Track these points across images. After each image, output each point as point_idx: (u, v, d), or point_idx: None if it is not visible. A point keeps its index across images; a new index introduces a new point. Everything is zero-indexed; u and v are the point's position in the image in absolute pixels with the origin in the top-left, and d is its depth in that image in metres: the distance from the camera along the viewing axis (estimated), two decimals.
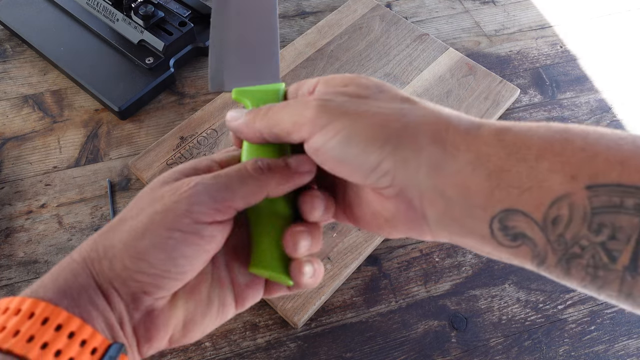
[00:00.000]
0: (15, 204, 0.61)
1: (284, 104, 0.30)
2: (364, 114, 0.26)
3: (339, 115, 0.26)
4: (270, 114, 0.29)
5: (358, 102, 0.27)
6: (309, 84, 0.31)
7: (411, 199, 0.26)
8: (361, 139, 0.26)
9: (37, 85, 0.71)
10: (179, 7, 0.76)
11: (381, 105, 0.27)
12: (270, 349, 0.53)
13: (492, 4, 0.86)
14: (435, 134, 0.26)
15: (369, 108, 0.27)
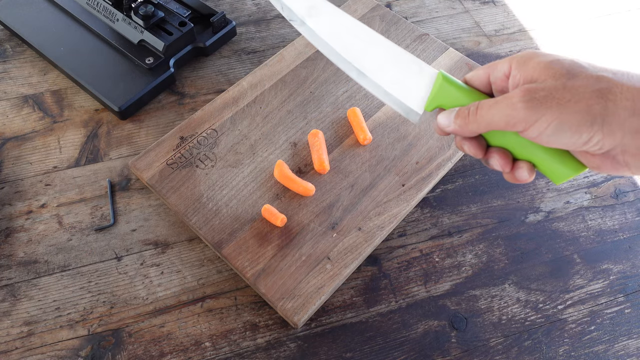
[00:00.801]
0: (15, 204, 0.61)
1: (490, 103, 0.34)
2: (567, 104, 0.31)
3: (545, 109, 0.31)
4: (480, 115, 0.34)
5: (560, 93, 0.31)
6: (501, 68, 0.35)
7: (615, 155, 0.32)
8: (572, 125, 0.31)
9: (37, 85, 0.71)
10: (179, 7, 0.76)
11: (579, 90, 0.31)
12: (270, 349, 0.53)
13: (492, 4, 0.86)
14: (635, 108, 0.30)
15: (571, 96, 0.31)
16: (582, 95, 0.31)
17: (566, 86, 0.32)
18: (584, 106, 0.31)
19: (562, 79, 0.32)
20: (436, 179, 0.63)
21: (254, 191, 0.60)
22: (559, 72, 0.32)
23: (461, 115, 0.36)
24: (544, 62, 0.33)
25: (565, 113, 0.31)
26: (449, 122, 0.37)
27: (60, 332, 0.53)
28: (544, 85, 0.32)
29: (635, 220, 0.63)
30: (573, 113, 0.31)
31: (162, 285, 0.56)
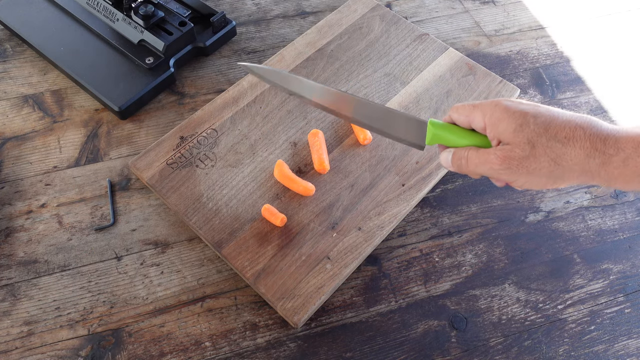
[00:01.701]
0: (15, 203, 0.61)
1: (476, 161, 0.44)
2: (534, 172, 0.42)
3: (519, 175, 0.42)
4: (471, 168, 0.45)
5: (527, 162, 0.41)
6: (477, 122, 0.44)
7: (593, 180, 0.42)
8: (539, 183, 0.43)
9: (37, 85, 0.71)
10: (179, 7, 0.76)
11: (541, 159, 0.41)
12: (270, 349, 0.53)
13: (492, 4, 0.86)
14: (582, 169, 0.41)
15: (536, 165, 0.41)
16: (543, 164, 0.41)
17: (530, 156, 0.41)
18: (546, 172, 0.42)
19: (527, 149, 0.41)
20: (436, 179, 0.63)
21: (254, 191, 0.60)
22: (523, 141, 0.42)
23: (456, 163, 0.46)
24: (511, 129, 0.42)
25: (533, 177, 0.42)
26: (449, 164, 0.47)
27: (60, 332, 0.53)
28: (514, 155, 0.42)
29: (635, 220, 0.63)
30: (540, 177, 0.42)
31: (162, 285, 0.56)
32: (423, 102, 0.68)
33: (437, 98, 0.69)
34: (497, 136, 0.43)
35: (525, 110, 0.42)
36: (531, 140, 0.41)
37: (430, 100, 0.68)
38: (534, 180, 0.43)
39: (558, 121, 0.41)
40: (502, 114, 0.43)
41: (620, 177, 0.40)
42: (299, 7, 0.83)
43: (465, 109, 0.45)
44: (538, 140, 0.41)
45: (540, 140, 0.41)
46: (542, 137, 0.41)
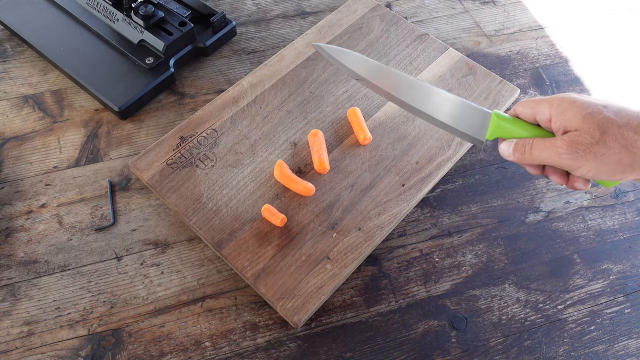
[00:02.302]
0: (15, 203, 0.61)
1: (541, 147, 0.43)
2: (602, 157, 0.41)
3: (586, 161, 0.41)
4: (534, 154, 0.44)
5: (595, 148, 0.41)
6: (543, 112, 0.44)
7: None
8: (607, 172, 0.41)
9: (37, 85, 0.71)
10: (179, 7, 0.76)
11: (610, 145, 0.40)
12: (270, 349, 0.53)
13: (492, 4, 0.86)
14: None
15: (605, 151, 0.40)
16: (613, 151, 0.40)
17: (600, 142, 0.40)
18: (615, 159, 0.40)
19: (596, 135, 0.40)
20: (436, 179, 0.63)
21: (254, 191, 0.60)
22: (592, 127, 0.41)
23: (518, 150, 0.45)
24: (580, 116, 0.41)
25: (601, 164, 0.41)
26: (509, 153, 0.47)
27: (60, 332, 0.53)
28: (583, 140, 0.41)
29: (635, 220, 0.63)
30: (608, 164, 0.41)
31: (162, 285, 0.56)
32: None
33: None
34: (563, 125, 0.42)
35: (594, 101, 0.42)
36: (601, 126, 0.41)
37: None
38: (602, 167, 0.41)
39: (629, 111, 0.41)
40: (570, 104, 0.42)
41: None
42: (299, 7, 0.83)
43: (531, 102, 0.45)
44: (609, 127, 0.40)
45: (611, 126, 0.40)
46: (613, 124, 0.40)
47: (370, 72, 0.50)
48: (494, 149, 0.68)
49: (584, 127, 0.41)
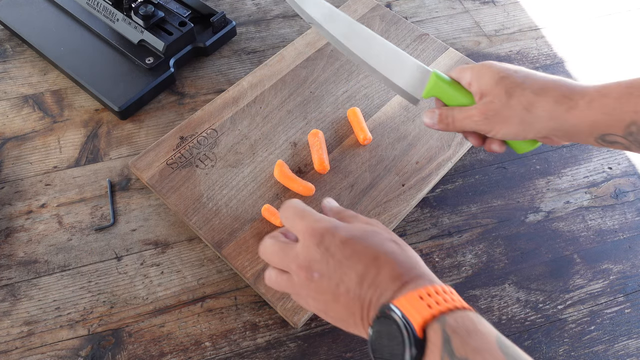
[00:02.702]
0: (15, 203, 0.61)
1: (460, 117, 0.49)
2: (508, 120, 0.46)
3: (495, 124, 0.47)
4: (456, 124, 0.50)
5: (503, 111, 0.46)
6: (465, 77, 0.49)
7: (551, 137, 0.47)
8: (515, 132, 0.47)
9: (37, 85, 0.71)
10: (179, 7, 0.76)
11: (515, 108, 0.46)
12: (270, 349, 0.53)
13: (492, 4, 0.86)
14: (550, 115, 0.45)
15: (510, 114, 0.46)
16: (516, 112, 0.46)
17: (506, 105, 0.46)
18: (518, 120, 0.46)
19: (504, 99, 0.46)
20: (436, 179, 0.63)
21: (254, 191, 0.60)
22: (501, 91, 0.46)
23: (443, 121, 0.51)
24: (493, 81, 0.46)
25: (508, 126, 0.47)
26: (433, 122, 0.51)
27: (60, 332, 0.53)
28: (492, 106, 0.46)
29: (635, 220, 0.63)
30: (514, 125, 0.46)
31: (162, 285, 0.56)
32: (423, 102, 0.68)
33: None
34: (480, 88, 0.47)
35: (507, 67, 0.48)
36: (508, 91, 0.46)
37: (430, 100, 0.68)
38: (509, 128, 0.47)
39: (535, 76, 0.46)
40: (487, 69, 0.48)
41: (585, 120, 0.44)
42: None
43: (460, 68, 0.50)
44: (514, 90, 0.46)
45: (516, 90, 0.46)
46: (518, 88, 0.46)
47: (322, 16, 0.51)
48: None
49: (495, 92, 0.46)
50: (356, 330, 0.38)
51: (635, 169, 0.68)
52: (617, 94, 0.42)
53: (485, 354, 0.29)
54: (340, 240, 0.38)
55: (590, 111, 0.43)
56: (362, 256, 0.37)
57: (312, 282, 0.38)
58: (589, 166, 0.68)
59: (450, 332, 0.31)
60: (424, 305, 0.32)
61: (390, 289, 0.35)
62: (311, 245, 0.38)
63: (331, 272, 0.37)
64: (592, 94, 0.43)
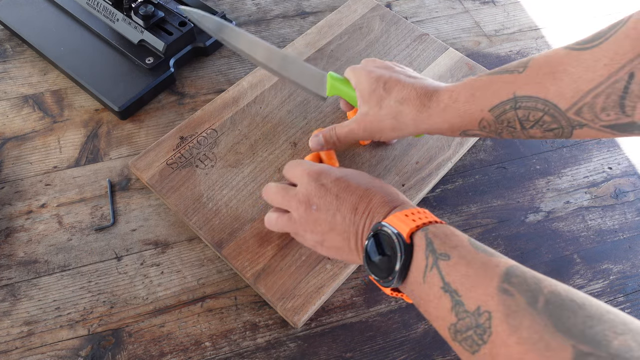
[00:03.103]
0: (15, 203, 0.61)
1: (343, 132, 0.57)
2: (385, 130, 0.54)
3: (376, 133, 0.55)
4: (342, 141, 0.57)
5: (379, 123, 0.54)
6: (351, 78, 0.56)
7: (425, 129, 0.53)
8: (392, 138, 0.55)
9: (37, 85, 0.71)
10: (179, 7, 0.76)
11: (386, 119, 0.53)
12: (270, 349, 0.53)
13: (492, 4, 0.86)
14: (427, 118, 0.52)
15: (385, 124, 0.54)
16: (387, 122, 0.52)
17: (378, 117, 0.53)
18: (390, 127, 0.53)
19: (376, 111, 0.53)
20: (436, 179, 0.63)
21: (254, 191, 0.60)
22: (374, 103, 0.53)
23: (328, 142, 0.57)
24: (368, 89, 0.53)
25: (385, 133, 0.54)
26: (320, 146, 0.58)
27: (60, 332, 0.53)
28: (368, 119, 0.53)
29: (635, 220, 0.63)
30: (389, 131, 0.53)
31: (162, 285, 0.56)
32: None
33: None
34: (360, 93, 0.54)
35: (380, 74, 0.53)
36: (379, 103, 0.52)
37: None
38: (386, 135, 0.54)
39: (399, 85, 0.52)
40: (365, 76, 0.54)
41: (444, 123, 0.50)
42: (299, 7, 0.83)
43: (349, 69, 0.57)
44: (383, 102, 0.52)
45: (384, 101, 0.52)
46: (386, 99, 0.52)
47: (247, 44, 0.60)
48: (494, 149, 0.68)
49: (370, 102, 0.53)
50: (350, 256, 0.46)
51: (635, 169, 0.68)
52: (464, 98, 0.48)
53: (460, 249, 0.37)
54: (335, 177, 0.47)
55: (446, 116, 0.49)
56: (354, 190, 0.45)
57: (311, 215, 0.47)
58: (589, 166, 0.68)
59: (432, 237, 0.38)
60: (410, 220, 0.40)
61: (381, 213, 0.43)
62: (310, 182, 0.47)
63: (328, 204, 0.46)
64: (445, 100, 0.49)
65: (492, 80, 0.47)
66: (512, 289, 0.32)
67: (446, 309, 0.35)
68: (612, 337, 0.27)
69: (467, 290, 0.34)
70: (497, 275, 0.34)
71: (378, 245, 0.41)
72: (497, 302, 0.32)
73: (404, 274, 0.39)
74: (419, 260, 0.38)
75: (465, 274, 0.35)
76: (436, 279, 0.36)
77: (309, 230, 0.47)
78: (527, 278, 0.33)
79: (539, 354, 0.29)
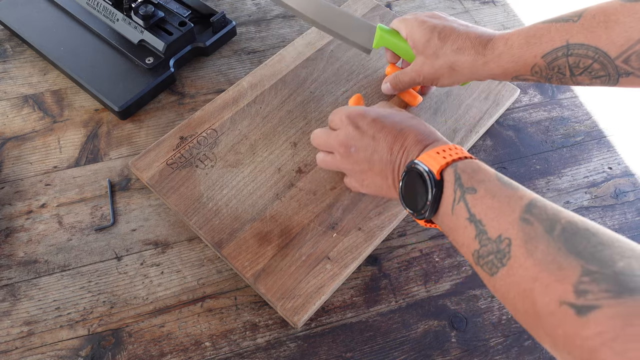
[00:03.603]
0: (15, 203, 0.61)
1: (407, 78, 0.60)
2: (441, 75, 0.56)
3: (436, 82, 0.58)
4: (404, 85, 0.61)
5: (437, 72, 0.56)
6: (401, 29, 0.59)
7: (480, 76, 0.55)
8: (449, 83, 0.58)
9: (37, 85, 0.71)
10: (179, 7, 0.76)
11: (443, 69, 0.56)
12: (270, 349, 0.53)
13: (492, 4, 0.86)
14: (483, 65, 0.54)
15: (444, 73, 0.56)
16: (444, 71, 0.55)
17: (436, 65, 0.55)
18: (447, 75, 0.56)
19: (433, 60, 0.55)
20: None
21: (253, 191, 0.60)
22: (430, 54, 0.55)
23: (396, 86, 0.62)
24: (423, 41, 0.55)
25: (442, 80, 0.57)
26: (389, 90, 0.63)
27: (60, 332, 0.53)
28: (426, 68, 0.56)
29: (635, 220, 0.63)
30: (446, 79, 0.56)
31: (162, 285, 0.56)
32: (423, 102, 0.68)
33: (437, 98, 0.69)
34: (414, 44, 0.56)
35: (434, 24, 0.55)
36: (435, 52, 0.54)
37: (430, 100, 0.68)
38: (442, 82, 0.57)
39: (454, 34, 0.53)
40: (418, 26, 0.56)
41: (498, 69, 0.52)
42: None
43: (397, 20, 0.59)
44: (440, 52, 0.54)
45: (440, 51, 0.54)
46: (441, 49, 0.54)
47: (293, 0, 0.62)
48: (494, 149, 0.68)
49: (426, 53, 0.55)
50: (389, 192, 0.51)
51: (635, 169, 0.68)
52: (518, 44, 0.50)
53: (487, 182, 0.40)
54: (371, 119, 0.50)
55: (501, 62, 0.51)
56: (390, 129, 0.49)
57: (351, 156, 0.51)
58: (589, 166, 0.68)
59: (460, 172, 0.41)
60: (440, 157, 0.43)
61: (415, 151, 0.47)
62: (348, 125, 0.51)
63: (365, 144, 0.50)
64: (500, 47, 0.51)
65: (546, 27, 0.49)
66: (532, 218, 0.35)
67: (470, 237, 0.39)
68: (618, 259, 0.30)
69: (491, 220, 0.37)
70: (520, 207, 0.36)
71: (412, 181, 0.44)
72: (517, 230, 0.35)
73: (435, 207, 0.43)
74: (448, 194, 0.42)
75: (489, 206, 0.38)
76: (463, 211, 0.40)
77: (350, 169, 0.53)
78: (547, 209, 0.36)
79: (550, 272, 0.32)
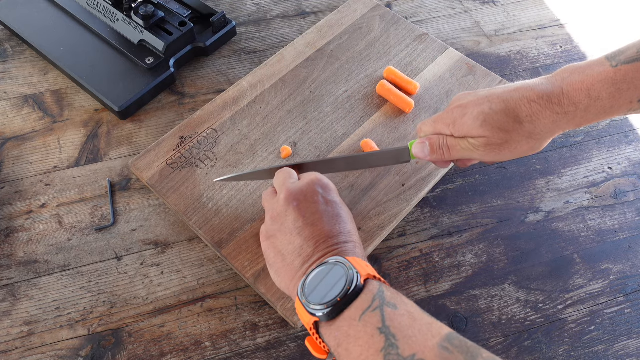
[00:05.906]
0: (16, 203, 0.61)
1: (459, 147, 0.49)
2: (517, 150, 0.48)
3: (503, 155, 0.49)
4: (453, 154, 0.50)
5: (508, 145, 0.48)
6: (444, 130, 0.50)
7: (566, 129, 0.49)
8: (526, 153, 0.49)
9: (37, 85, 0.71)
10: (179, 7, 0.76)
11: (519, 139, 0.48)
12: (270, 349, 0.53)
13: (492, 4, 0.86)
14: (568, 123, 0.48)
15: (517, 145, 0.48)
16: (522, 143, 0.47)
17: (509, 139, 0.47)
18: (526, 146, 0.48)
19: (502, 136, 0.47)
20: (436, 179, 0.63)
21: (254, 191, 0.60)
22: (494, 131, 0.46)
23: (436, 152, 0.50)
24: (477, 126, 0.47)
25: (517, 152, 0.48)
26: (425, 154, 0.51)
27: (60, 332, 0.53)
28: (494, 142, 0.47)
29: (635, 220, 0.63)
30: (523, 151, 0.48)
31: (162, 285, 0.56)
32: (423, 102, 0.68)
33: (437, 98, 0.69)
34: (467, 134, 0.48)
35: (480, 100, 0.48)
36: (502, 128, 0.47)
37: (430, 100, 0.68)
38: (518, 153, 0.48)
39: (510, 103, 0.47)
40: (462, 116, 0.48)
41: (586, 122, 0.47)
42: (299, 7, 0.83)
43: (430, 123, 0.51)
44: (507, 126, 0.47)
45: (508, 125, 0.46)
46: (508, 123, 0.46)
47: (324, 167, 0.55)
48: None
49: (487, 134, 0.47)
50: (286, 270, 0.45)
51: (635, 169, 0.68)
52: (607, 94, 0.45)
53: (409, 306, 0.38)
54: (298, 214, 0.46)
55: (589, 115, 0.46)
56: (321, 228, 0.45)
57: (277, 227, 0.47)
58: (589, 166, 0.68)
59: (385, 288, 0.39)
60: (370, 269, 0.41)
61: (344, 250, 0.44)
62: (283, 203, 0.47)
63: (288, 239, 0.46)
64: (584, 101, 0.45)
65: (635, 69, 0.45)
66: (452, 348, 0.34)
67: (375, 349, 0.35)
68: None
69: (406, 337, 0.35)
70: (440, 335, 0.35)
71: (328, 274, 0.41)
72: (434, 355, 0.33)
73: (340, 309, 0.38)
74: (362, 300, 0.38)
75: (408, 324, 0.36)
76: (375, 319, 0.37)
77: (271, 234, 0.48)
78: (468, 344, 0.34)
79: None
